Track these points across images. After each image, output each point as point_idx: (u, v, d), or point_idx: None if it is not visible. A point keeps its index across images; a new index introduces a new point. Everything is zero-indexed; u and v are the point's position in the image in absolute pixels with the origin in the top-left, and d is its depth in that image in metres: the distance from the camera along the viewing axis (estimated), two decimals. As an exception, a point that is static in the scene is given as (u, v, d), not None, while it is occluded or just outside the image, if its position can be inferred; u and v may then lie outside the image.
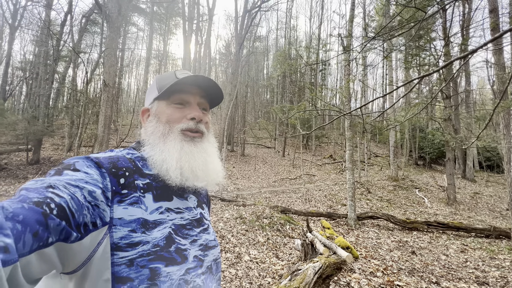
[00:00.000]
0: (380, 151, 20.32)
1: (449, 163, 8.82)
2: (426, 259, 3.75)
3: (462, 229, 4.97)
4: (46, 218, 0.32)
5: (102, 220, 0.42)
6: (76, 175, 0.43)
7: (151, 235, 0.47)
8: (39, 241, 0.31)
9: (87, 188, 0.41)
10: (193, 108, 0.60)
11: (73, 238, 0.36)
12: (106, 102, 10.27)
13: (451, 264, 3.60)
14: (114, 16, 9.84)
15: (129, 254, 0.43)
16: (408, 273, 3.27)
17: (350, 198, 5.35)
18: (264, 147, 18.67)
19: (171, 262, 0.47)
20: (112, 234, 0.43)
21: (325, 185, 10.18)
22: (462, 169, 13.27)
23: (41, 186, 0.37)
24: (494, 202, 8.60)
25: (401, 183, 10.47)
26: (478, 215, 7.06)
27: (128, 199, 0.47)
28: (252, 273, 2.98)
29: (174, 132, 0.57)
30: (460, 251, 4.14)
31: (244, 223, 4.54)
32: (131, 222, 0.45)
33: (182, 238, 0.52)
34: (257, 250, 3.66)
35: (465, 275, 3.28)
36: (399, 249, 4.15)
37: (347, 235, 4.70)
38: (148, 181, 0.53)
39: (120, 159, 0.52)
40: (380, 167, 14.52)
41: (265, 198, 7.66)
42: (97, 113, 12.29)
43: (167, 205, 0.53)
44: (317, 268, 1.97)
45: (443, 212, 7.19)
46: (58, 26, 15.08)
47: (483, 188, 11.02)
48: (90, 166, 0.46)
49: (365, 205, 7.53)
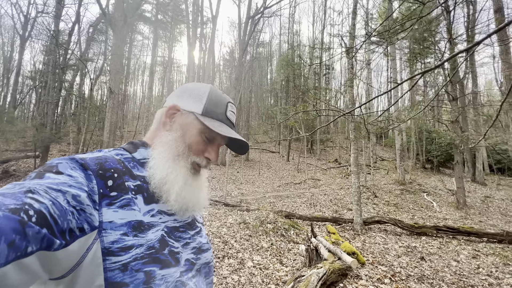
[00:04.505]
0: (386, 154, 20.02)
1: (457, 166, 8.60)
2: (436, 265, 3.62)
3: (473, 234, 4.80)
4: (23, 226, 0.30)
5: (90, 225, 0.40)
6: (59, 178, 0.40)
7: (145, 237, 0.45)
8: (16, 251, 0.29)
9: (70, 192, 0.39)
10: (213, 150, 0.59)
11: (57, 245, 0.34)
12: (112, 108, 10.45)
13: (462, 271, 3.46)
14: (120, 24, 10.09)
15: (122, 259, 0.41)
16: (417, 279, 3.15)
17: (356, 202, 5.24)
18: (268, 152, 18.61)
19: (166, 264, 0.46)
20: (103, 239, 0.41)
21: (330, 189, 10.03)
22: (472, 172, 12.94)
23: (19, 191, 0.34)
24: (506, 206, 8.32)
25: (409, 187, 10.25)
26: (489, 219, 6.83)
27: (118, 202, 0.45)
28: (255, 280, 2.92)
29: (187, 160, 0.56)
30: (471, 257, 3.98)
31: (247, 228, 4.48)
32: (123, 225, 0.43)
33: (174, 241, 0.51)
34: (260, 256, 3.59)
35: (478, 282, 3.14)
36: (407, 254, 4.02)
37: (353, 240, 4.59)
38: (139, 182, 0.51)
39: (108, 159, 0.49)
40: (387, 171, 14.27)
41: (269, 203, 7.58)
42: (103, 119, 12.48)
43: (159, 207, 0.51)
44: (321, 275, 1.91)
45: (452, 216, 6.98)
46: (66, 35, 15.52)
47: (494, 192, 10.71)
48: (75, 168, 0.43)
49: (372, 210, 7.37)
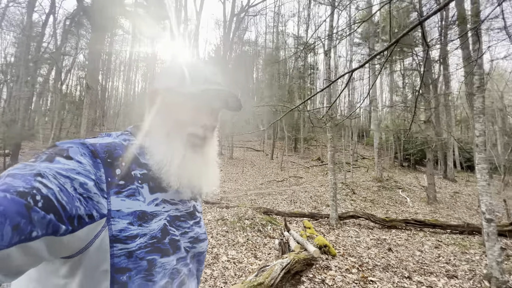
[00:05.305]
0: (367, 153, 20.71)
1: (429, 164, 9.11)
2: (402, 255, 3.85)
3: (438, 226, 5.13)
4: (29, 211, 0.30)
5: (99, 213, 0.40)
6: (68, 164, 0.40)
7: (149, 227, 0.46)
8: (20, 235, 0.29)
9: (78, 179, 0.39)
10: (205, 114, 0.56)
11: (63, 231, 0.34)
12: (89, 105, 10.08)
13: (424, 260, 3.71)
14: (98, 17, 9.72)
15: (129, 247, 0.43)
16: (382, 269, 3.34)
17: (331, 198, 5.44)
18: (253, 150, 18.70)
19: (165, 253, 0.48)
20: (111, 227, 0.42)
21: (311, 186, 10.27)
22: (444, 170, 13.71)
23: (29, 173, 0.35)
24: (472, 201, 8.92)
25: (386, 184, 10.70)
26: (456, 213, 7.31)
27: (125, 191, 0.46)
28: (228, 273, 2.98)
29: (181, 134, 0.54)
30: (434, 247, 4.27)
31: (225, 224, 4.53)
32: (129, 214, 0.44)
33: (175, 229, 0.53)
34: (235, 250, 3.65)
35: (437, 269, 3.39)
36: (376, 246, 4.24)
37: (327, 234, 4.76)
38: (145, 171, 0.51)
39: (117, 147, 0.49)
40: (366, 169, 14.81)
41: (250, 200, 7.65)
42: (80, 116, 12.00)
43: (163, 196, 0.52)
44: (285, 264, 2.00)
45: (423, 210, 7.40)
46: (40, 28, 14.72)
47: (462, 188, 11.42)
48: (84, 155, 0.43)
49: (350, 206, 7.64)
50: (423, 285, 2.93)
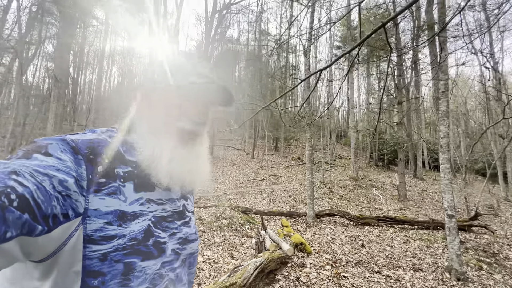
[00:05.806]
0: (345, 153, 21.45)
1: (400, 163, 9.63)
2: (373, 251, 4.03)
3: (407, 222, 5.43)
4: (3, 211, 0.28)
5: (75, 211, 0.38)
6: (47, 161, 0.38)
7: (129, 228, 0.44)
8: None
9: (57, 176, 0.37)
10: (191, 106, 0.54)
11: (38, 231, 0.33)
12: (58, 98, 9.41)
13: (393, 254, 3.91)
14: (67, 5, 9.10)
15: (103, 248, 0.40)
16: (355, 264, 3.47)
17: (309, 196, 5.55)
18: (234, 149, 18.59)
19: (147, 256, 0.45)
20: (86, 226, 0.40)
21: (290, 185, 10.43)
22: (414, 169, 14.59)
23: (3, 171, 0.32)
24: (437, 198, 9.57)
25: (361, 183, 11.16)
26: (423, 209, 7.80)
27: (105, 189, 0.43)
28: (203, 274, 2.91)
29: (169, 129, 0.52)
30: (403, 242, 4.51)
31: (202, 224, 4.44)
32: (107, 213, 0.42)
33: (161, 231, 0.50)
34: (212, 251, 3.59)
35: (404, 263, 3.58)
36: (350, 243, 4.39)
37: (304, 232, 4.85)
38: (130, 169, 0.48)
39: (100, 143, 0.47)
40: (344, 168, 15.33)
41: (229, 200, 7.60)
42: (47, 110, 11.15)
43: (148, 196, 0.49)
44: (259, 263, 1.99)
45: (394, 208, 7.81)
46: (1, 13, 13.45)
47: (430, 186, 12.22)
48: (65, 151, 0.41)
49: (327, 204, 7.87)
50: (391, 279, 3.08)
